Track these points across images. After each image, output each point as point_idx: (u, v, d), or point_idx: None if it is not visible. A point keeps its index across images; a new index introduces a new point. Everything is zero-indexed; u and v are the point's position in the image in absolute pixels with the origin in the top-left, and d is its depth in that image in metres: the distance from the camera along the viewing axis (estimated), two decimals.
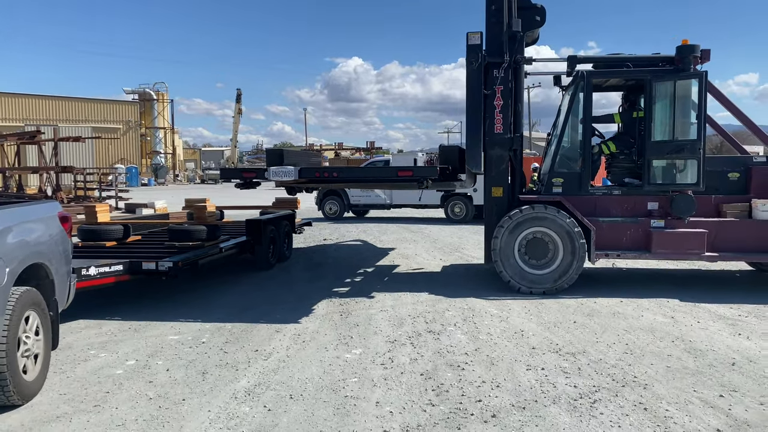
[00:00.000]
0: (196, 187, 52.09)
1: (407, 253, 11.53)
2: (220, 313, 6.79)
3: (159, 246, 8.43)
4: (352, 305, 7.12)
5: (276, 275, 9.21)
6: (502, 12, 7.83)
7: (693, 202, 7.61)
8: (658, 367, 4.83)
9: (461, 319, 6.40)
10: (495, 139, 7.97)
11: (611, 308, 6.80)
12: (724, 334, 5.76)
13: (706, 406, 4.05)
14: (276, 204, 11.66)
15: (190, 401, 4.26)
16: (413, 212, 20.32)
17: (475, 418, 3.91)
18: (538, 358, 5.08)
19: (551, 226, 7.69)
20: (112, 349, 5.50)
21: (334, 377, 4.69)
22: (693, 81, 7.62)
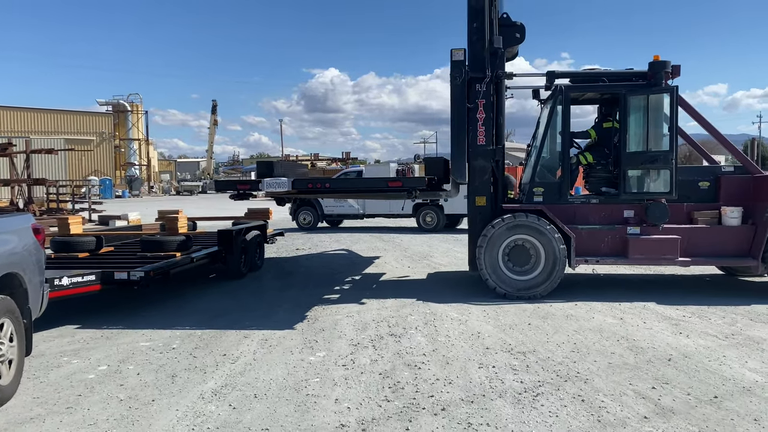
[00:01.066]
0: (171, 199, 51.83)
1: (378, 262, 11.84)
2: (191, 321, 7.01)
3: (131, 257, 8.62)
4: (320, 312, 7.39)
5: (247, 284, 9.44)
6: (484, 29, 8.19)
7: (666, 209, 7.99)
8: (600, 364, 5.19)
9: (422, 323, 6.71)
10: (478, 150, 8.29)
11: (565, 311, 7.18)
12: (666, 333, 6.15)
13: (638, 397, 4.41)
14: (248, 215, 11.89)
15: (159, 402, 4.50)
16: (386, 222, 20.64)
17: (426, 411, 4.22)
18: (490, 357, 5.41)
19: (533, 233, 8.01)
20: (84, 356, 5.70)
21: (297, 378, 4.96)
22: (665, 95, 8.02)
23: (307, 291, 8.82)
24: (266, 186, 8.26)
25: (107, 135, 62.21)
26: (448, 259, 11.88)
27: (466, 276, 9.89)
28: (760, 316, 6.81)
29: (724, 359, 5.29)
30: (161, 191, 65.62)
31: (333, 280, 9.81)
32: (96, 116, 63.21)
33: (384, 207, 18.86)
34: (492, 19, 8.24)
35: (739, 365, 5.13)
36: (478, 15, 8.21)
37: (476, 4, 8.21)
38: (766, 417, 4.04)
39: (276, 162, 9.63)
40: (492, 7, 8.23)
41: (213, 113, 76.03)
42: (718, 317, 6.80)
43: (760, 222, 7.85)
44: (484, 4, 8.17)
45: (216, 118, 76.54)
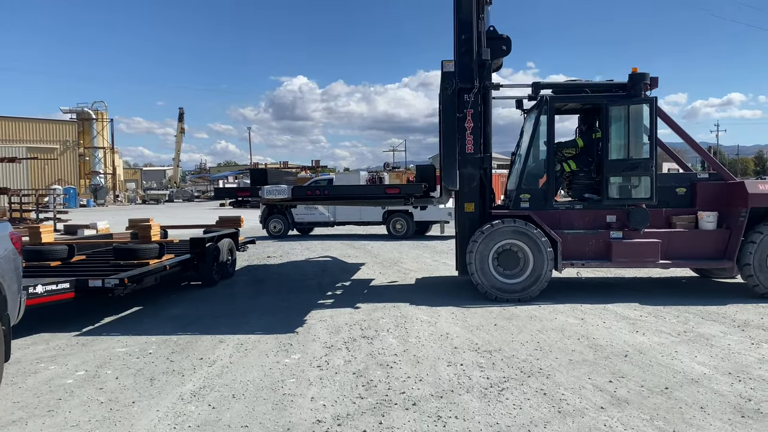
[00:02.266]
0: (137, 208, 51.15)
1: (349, 268, 12.05)
2: (166, 327, 7.12)
3: (104, 265, 8.67)
4: (293, 317, 7.57)
5: (220, 291, 9.56)
6: (472, 41, 8.46)
7: (647, 214, 8.37)
8: (561, 360, 5.50)
9: (394, 326, 6.95)
10: (467, 158, 8.55)
11: (529, 312, 7.50)
12: (623, 332, 6.50)
13: (596, 390, 4.72)
14: (219, 223, 11.99)
15: (139, 403, 4.64)
16: (357, 229, 20.87)
17: (398, 406, 4.45)
18: (458, 356, 5.68)
19: (521, 238, 8.28)
20: (61, 362, 5.79)
21: (273, 379, 5.15)
22: (644, 105, 8.43)
23: (279, 297, 8.98)
24: (266, 193, 8.45)
25: (71, 143, 61.15)
26: (418, 265, 12.15)
27: (437, 281, 10.19)
28: (711, 315, 7.23)
29: (675, 354, 5.65)
30: (127, 200, 64.63)
31: (305, 286, 9.98)
32: (59, 124, 62.09)
33: (354, 214, 19.07)
34: (480, 31, 8.52)
35: (689, 359, 5.49)
36: (466, 28, 8.49)
37: (464, 17, 8.49)
38: (711, 405, 4.38)
39: (269, 170, 9.86)
40: (479, 20, 8.53)
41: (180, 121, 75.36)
42: (673, 316, 7.19)
43: (734, 226, 8.28)
44: (472, 18, 8.46)
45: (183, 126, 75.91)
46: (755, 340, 6.12)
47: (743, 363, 5.36)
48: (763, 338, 6.17)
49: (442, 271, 11.33)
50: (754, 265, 8.08)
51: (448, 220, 18.42)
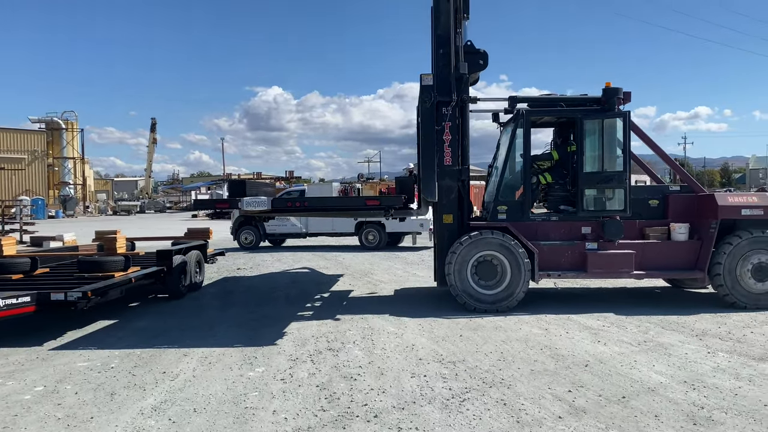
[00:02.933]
0: (107, 219, 50.35)
1: (319, 280, 12.03)
2: (129, 341, 7.04)
3: (68, 277, 8.54)
4: (260, 329, 7.54)
5: (187, 304, 9.47)
6: (450, 56, 8.56)
7: (621, 226, 8.51)
8: (523, 371, 5.57)
9: (360, 338, 6.96)
10: (445, 170, 8.62)
11: (495, 323, 7.57)
12: (585, 342, 6.61)
13: (555, 399, 4.79)
14: (188, 234, 11.89)
15: (98, 418, 4.58)
16: (329, 240, 20.84)
17: (359, 418, 4.46)
18: (422, 367, 5.71)
19: (499, 249, 8.35)
20: (19, 378, 5.68)
21: (236, 392, 5.12)
22: (618, 119, 8.58)
23: (247, 309, 8.93)
24: (246, 204, 8.41)
25: (40, 153, 60.09)
26: (389, 276, 12.19)
27: (408, 292, 10.25)
28: (671, 325, 7.38)
29: (634, 364, 5.76)
30: (97, 211, 63.57)
31: (273, 298, 9.94)
32: (28, 134, 61.00)
33: (327, 226, 19.07)
34: (457, 46, 8.63)
35: (647, 369, 5.60)
36: (444, 42, 8.62)
37: (442, 32, 8.62)
38: (665, 413, 4.48)
39: (247, 181, 9.83)
40: (457, 34, 8.64)
41: (152, 131, 74.50)
42: (635, 326, 7.33)
43: (705, 237, 8.47)
44: (449, 32, 8.58)
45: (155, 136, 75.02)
46: (711, 348, 6.27)
47: (698, 372, 5.49)
48: (718, 347, 6.33)
49: (412, 282, 11.38)
50: (724, 275, 8.25)
51: (420, 231, 18.53)
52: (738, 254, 8.25)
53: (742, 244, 8.25)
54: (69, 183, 61.95)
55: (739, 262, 8.24)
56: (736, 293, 8.26)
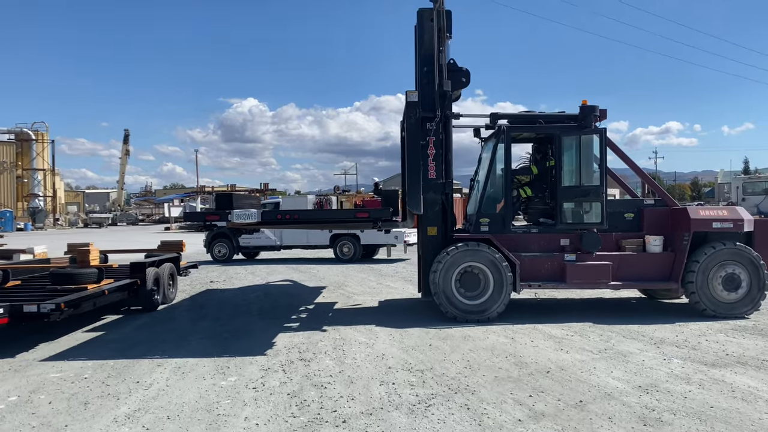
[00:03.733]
0: (78, 232, 49.63)
1: (293, 292, 12.16)
2: (102, 352, 7.11)
3: (40, 290, 8.54)
4: (231, 341, 7.65)
5: (160, 316, 9.53)
6: (434, 74, 8.82)
7: (599, 238, 8.80)
8: (488, 377, 5.79)
9: (332, 348, 7.13)
10: (429, 184, 8.84)
11: (463, 333, 7.80)
12: (549, 350, 6.86)
13: (516, 404, 5.02)
14: (161, 247, 11.92)
15: (72, 426, 4.68)
16: (304, 253, 20.94)
17: (328, 424, 4.63)
18: (391, 375, 5.90)
19: (482, 260, 8.56)
20: None
21: (209, 400, 5.25)
22: (594, 136, 8.92)
23: (220, 322, 9.03)
24: (236, 217, 8.55)
25: (8, 165, 59.10)
26: (362, 288, 12.36)
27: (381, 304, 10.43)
28: (632, 333, 7.69)
29: (593, 370, 6.03)
30: (67, 224, 62.58)
31: (246, 310, 10.05)
32: None
33: (301, 238, 19.18)
34: (441, 64, 8.88)
35: (605, 374, 5.87)
36: (428, 60, 8.88)
37: (426, 51, 8.90)
38: (619, 416, 4.73)
39: (234, 195, 10.04)
40: (440, 53, 8.89)
41: (125, 143, 73.71)
42: (597, 335, 7.62)
43: (678, 249, 8.81)
44: (433, 51, 8.85)
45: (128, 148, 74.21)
46: (667, 356, 6.58)
47: (654, 378, 5.77)
48: (674, 354, 6.64)
49: (385, 293, 11.57)
50: (696, 285, 8.60)
51: (394, 243, 18.76)
52: (710, 265, 8.59)
53: (714, 256, 8.60)
54: (39, 195, 60.95)
55: (710, 273, 8.58)
56: (708, 302, 8.59)
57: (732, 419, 4.63)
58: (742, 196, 25.61)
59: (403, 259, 19.04)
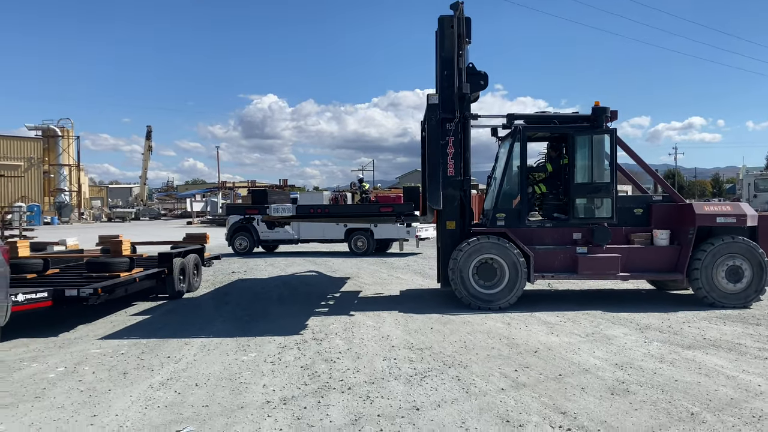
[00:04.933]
0: (103, 225, 50.97)
1: (309, 281, 12.88)
2: (135, 333, 7.88)
3: (78, 277, 9.35)
4: (252, 324, 8.38)
5: (185, 303, 10.30)
6: (453, 77, 9.44)
7: (609, 232, 9.38)
8: (480, 355, 6.44)
9: (342, 329, 7.82)
10: (448, 180, 9.46)
11: (464, 318, 8.44)
12: (541, 334, 7.48)
13: (502, 377, 5.66)
14: (186, 239, 12.71)
15: (114, 391, 5.42)
16: (320, 246, 21.68)
17: (335, 390, 5.32)
18: (394, 353, 6.58)
19: (498, 252, 9.19)
20: (41, 361, 6.51)
21: (231, 372, 5.97)
22: (606, 135, 9.50)
23: (241, 307, 9.77)
24: (273, 211, 9.30)
25: (36, 160, 60.68)
26: (374, 279, 13.04)
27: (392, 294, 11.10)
28: (621, 320, 8.27)
29: (578, 351, 6.64)
30: (92, 218, 64.13)
31: (265, 298, 10.78)
32: (24, 141, 61.57)
33: (318, 232, 19.92)
34: (460, 68, 9.50)
35: (588, 354, 6.48)
36: (448, 65, 9.50)
37: (446, 56, 9.51)
38: (591, 387, 5.35)
39: (268, 190, 10.95)
40: (459, 57, 9.51)
41: (147, 139, 75.14)
42: (588, 321, 8.21)
43: (684, 242, 9.36)
44: (453, 56, 9.47)
45: (150, 144, 75.63)
46: (648, 339, 7.16)
47: (631, 357, 6.37)
48: (656, 338, 7.22)
49: (395, 285, 12.24)
50: (701, 276, 9.14)
51: (406, 238, 19.41)
52: (714, 258, 9.13)
53: (717, 249, 9.14)
54: (65, 190, 62.51)
55: (714, 265, 9.12)
56: (712, 293, 9.14)
57: (691, 390, 5.22)
58: (754, 192, 25.82)
59: (415, 253, 19.68)
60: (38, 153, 61.29)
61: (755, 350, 6.60)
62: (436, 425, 4.45)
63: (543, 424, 4.45)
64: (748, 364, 6.05)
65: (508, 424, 4.47)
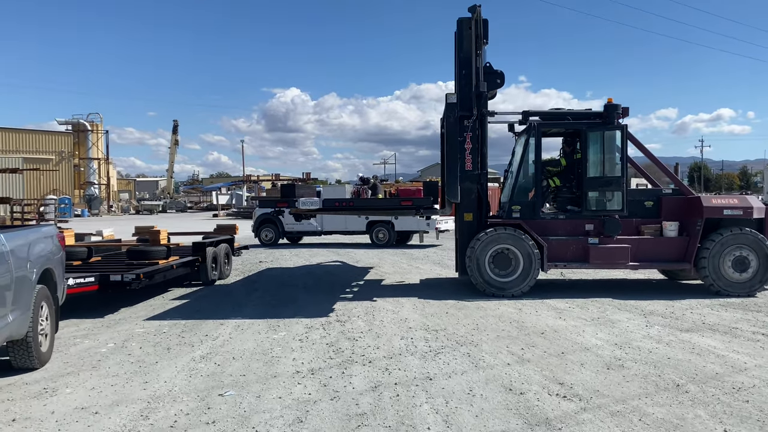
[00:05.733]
0: (132, 218, 52.26)
1: (332, 270, 13.53)
2: (174, 315, 8.58)
3: (119, 264, 10.09)
4: (280, 308, 9.02)
5: (218, 288, 11.01)
6: (471, 76, 9.95)
7: (619, 224, 9.85)
8: (491, 336, 7.00)
9: (364, 313, 8.43)
10: (466, 174, 9.99)
11: (477, 304, 8.99)
12: (549, 318, 8.00)
13: (509, 354, 6.21)
14: (217, 230, 13.44)
15: (161, 363, 6.09)
16: (342, 238, 22.33)
17: (357, 363, 5.92)
18: (411, 333, 7.17)
19: (513, 243, 9.71)
20: (93, 338, 7.22)
21: (264, 347, 6.60)
22: (617, 132, 9.97)
23: (270, 293, 10.43)
24: (302, 204, 10.01)
25: (66, 154, 62.32)
26: (394, 269, 13.64)
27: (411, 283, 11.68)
28: (627, 306, 8.74)
29: (582, 333, 7.15)
30: (120, 210, 65.74)
31: (292, 285, 11.44)
32: (55, 135, 63.31)
33: (340, 224, 20.55)
34: (478, 67, 10.02)
35: (591, 336, 6.99)
36: (466, 64, 10.01)
37: (464, 56, 10.02)
38: (590, 363, 5.87)
39: (295, 185, 11.76)
40: (477, 57, 10.03)
41: (174, 133, 76.56)
42: (595, 307, 8.71)
43: (693, 234, 9.79)
44: (471, 56, 9.98)
45: (177, 138, 77.04)
46: (651, 323, 7.64)
47: (631, 338, 6.87)
48: (657, 322, 7.69)
49: (414, 274, 12.81)
50: (708, 266, 9.58)
51: (426, 230, 19.94)
52: (721, 248, 9.54)
53: (725, 240, 9.55)
54: (94, 183, 64.15)
55: (722, 255, 9.54)
56: (719, 282, 9.56)
57: (681, 366, 5.72)
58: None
59: (434, 245, 20.22)
60: (69, 147, 62.91)
61: (749, 333, 7.05)
62: (446, 392, 5.03)
63: (542, 393, 5.00)
64: (739, 345, 6.52)
65: (510, 392, 5.03)
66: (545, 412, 4.56)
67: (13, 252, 5.39)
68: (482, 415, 4.49)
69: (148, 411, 4.69)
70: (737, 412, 4.49)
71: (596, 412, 4.54)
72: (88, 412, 4.68)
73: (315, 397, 4.96)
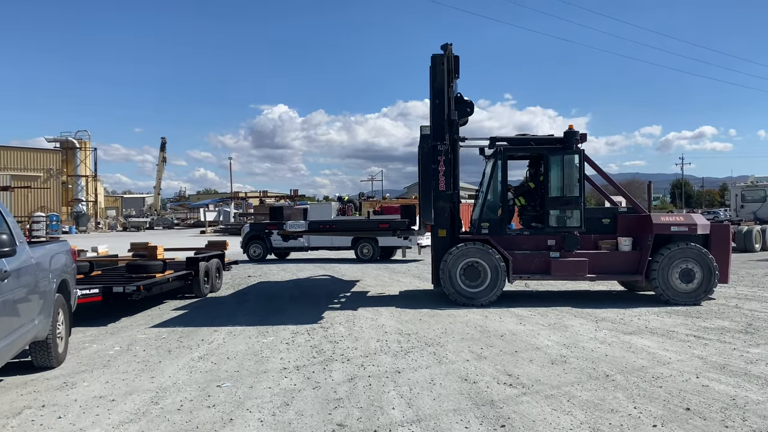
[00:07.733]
0: (119, 235, 52.82)
1: (317, 284, 14.38)
2: (172, 323, 9.40)
3: (119, 277, 10.91)
4: (269, 316, 9.87)
5: (210, 301, 11.83)
6: (444, 105, 10.99)
7: (578, 239, 10.85)
8: (456, 338, 7.90)
9: (345, 320, 9.31)
10: (440, 194, 10.96)
11: (449, 312, 9.90)
12: (511, 324, 8.92)
13: (469, 352, 7.11)
14: (209, 246, 14.27)
15: (164, 362, 6.92)
16: (329, 253, 23.19)
17: (337, 361, 6.79)
18: (386, 336, 8.05)
19: (482, 257, 10.67)
20: (100, 343, 8.03)
21: (255, 349, 7.46)
22: (575, 155, 11.00)
23: (259, 304, 11.28)
24: (289, 227, 10.92)
25: (55, 171, 62.77)
26: (376, 282, 14.52)
27: (390, 294, 12.55)
28: (583, 314, 9.68)
29: (537, 335, 8.07)
30: (107, 227, 66.11)
31: (279, 297, 12.29)
32: (43, 153, 63.80)
33: (327, 240, 21.43)
34: (449, 97, 11.06)
35: (544, 338, 7.91)
36: (439, 95, 11.02)
37: (438, 87, 11.01)
38: (537, 359, 6.78)
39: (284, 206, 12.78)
40: (449, 89, 11.07)
41: (162, 150, 77.22)
42: (554, 315, 9.64)
43: (644, 248, 10.80)
44: (444, 88, 10.99)
45: (164, 155, 77.70)
46: (599, 327, 8.58)
47: (578, 339, 7.80)
48: (606, 327, 8.63)
49: (395, 286, 13.71)
50: (658, 278, 10.57)
51: (409, 246, 20.89)
52: (669, 261, 10.55)
53: (672, 254, 10.57)
54: (82, 200, 64.56)
55: (670, 268, 10.55)
56: (668, 292, 10.55)
57: (614, 362, 6.65)
58: (740, 203, 27.08)
59: (417, 259, 21.14)
60: (57, 164, 63.39)
61: (683, 336, 8.01)
62: (411, 382, 5.92)
63: (491, 382, 5.90)
64: (671, 345, 7.47)
65: (465, 381, 5.93)
66: (492, 396, 5.46)
67: (39, 264, 6.23)
68: (439, 399, 5.39)
69: (158, 398, 5.53)
70: (649, 395, 5.42)
71: (534, 396, 5.45)
72: (106, 400, 5.51)
73: (299, 387, 5.83)
